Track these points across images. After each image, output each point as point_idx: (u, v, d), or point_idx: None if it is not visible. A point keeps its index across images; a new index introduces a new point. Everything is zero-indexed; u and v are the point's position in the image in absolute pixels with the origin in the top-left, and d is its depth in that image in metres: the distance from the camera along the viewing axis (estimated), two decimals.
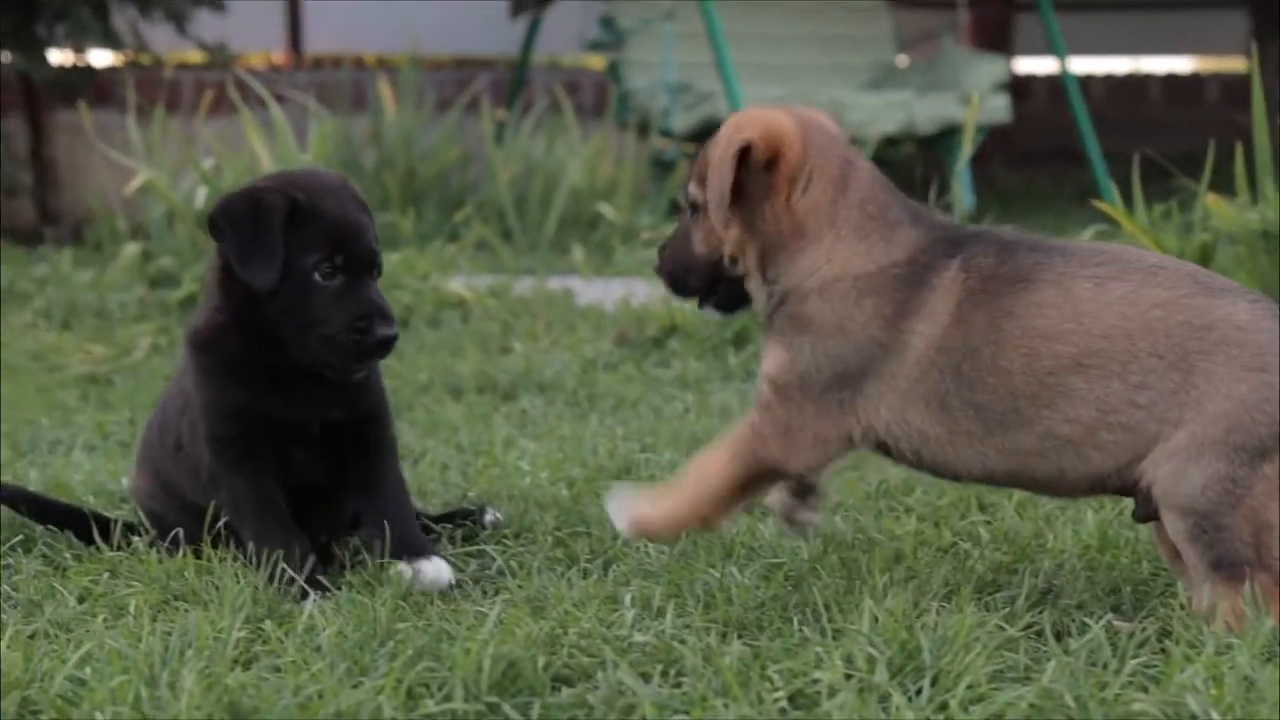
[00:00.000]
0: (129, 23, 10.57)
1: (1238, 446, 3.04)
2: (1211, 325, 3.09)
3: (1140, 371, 3.10)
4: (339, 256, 3.37)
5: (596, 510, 3.80)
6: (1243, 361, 3.07)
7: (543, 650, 2.86)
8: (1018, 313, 3.15)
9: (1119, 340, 3.11)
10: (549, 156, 8.95)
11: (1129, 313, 3.12)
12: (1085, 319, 3.13)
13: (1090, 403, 3.12)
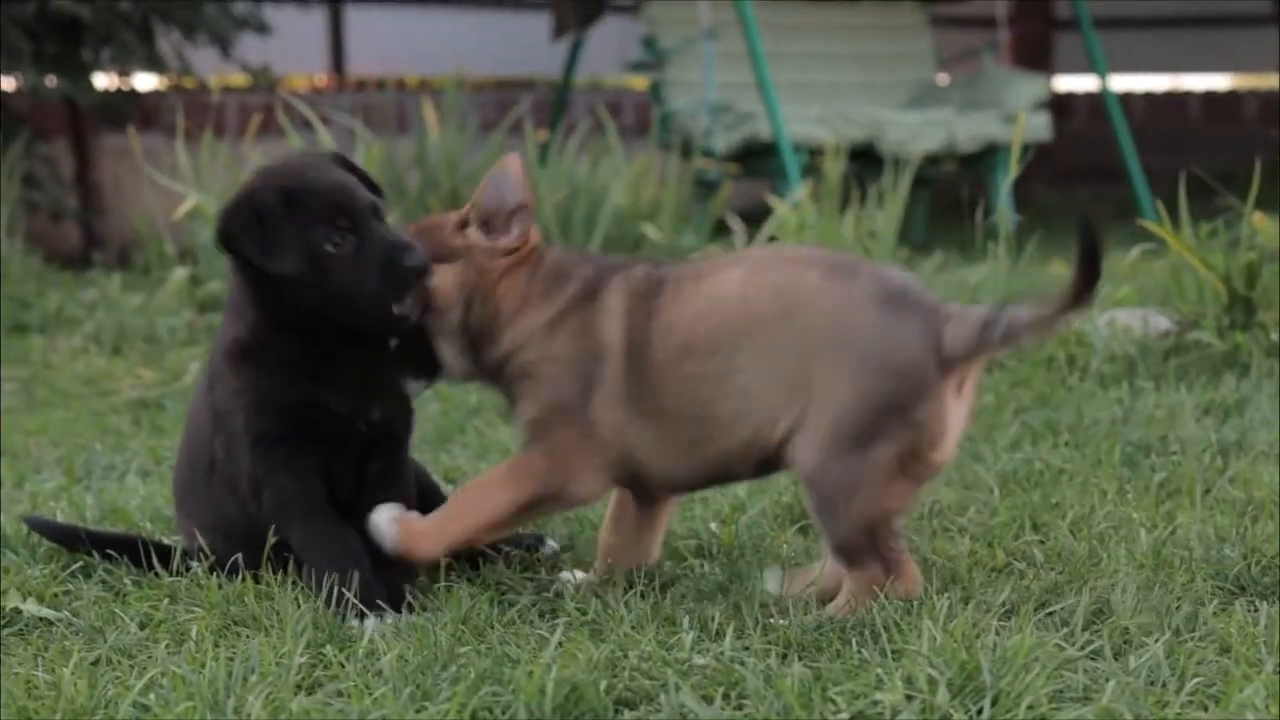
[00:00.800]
0: (173, 46, 10.63)
1: (835, 433, 3.22)
2: (782, 292, 3.30)
3: (758, 343, 3.30)
4: (341, 220, 3.43)
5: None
6: (856, 349, 3.23)
7: (604, 673, 2.87)
8: (660, 310, 3.39)
9: (739, 320, 3.32)
10: (593, 177, 8.97)
11: (749, 293, 3.34)
12: (686, 309, 3.36)
13: (699, 380, 3.33)
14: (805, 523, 3.94)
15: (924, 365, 3.22)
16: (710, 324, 3.34)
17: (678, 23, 11.06)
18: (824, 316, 3.26)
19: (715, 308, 3.35)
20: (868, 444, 3.21)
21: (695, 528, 3.88)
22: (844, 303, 3.26)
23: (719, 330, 3.33)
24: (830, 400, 3.22)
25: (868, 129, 10.72)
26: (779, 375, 3.28)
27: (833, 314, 3.26)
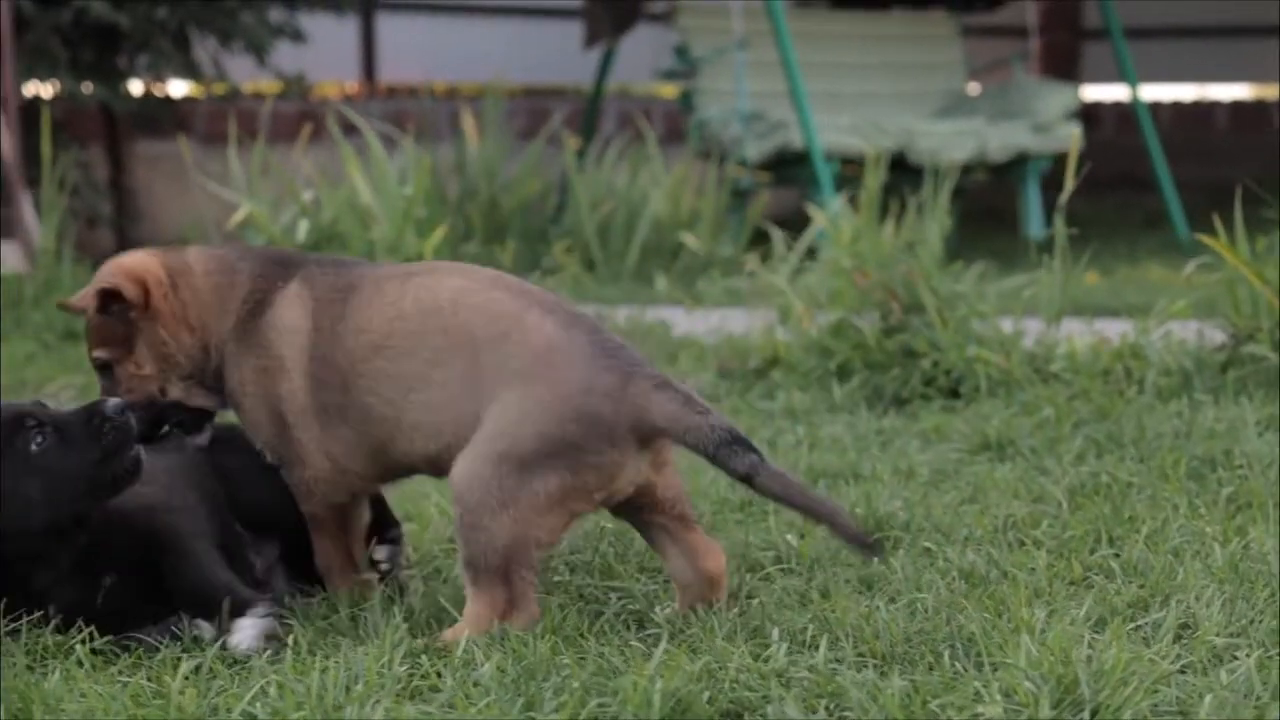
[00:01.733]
0: (209, 54, 10.68)
1: (503, 453, 3.19)
2: (500, 318, 3.28)
3: (431, 349, 3.30)
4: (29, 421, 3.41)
5: (727, 544, 3.85)
6: (519, 366, 3.22)
7: (705, 685, 2.91)
8: (347, 315, 3.39)
9: (411, 321, 3.33)
10: (632, 186, 9.01)
11: (423, 296, 3.35)
12: (388, 308, 3.37)
13: (394, 379, 3.33)
14: (882, 534, 3.97)
15: (616, 421, 3.20)
16: (411, 328, 3.35)
17: (710, 31, 11.10)
18: (533, 352, 3.24)
19: (421, 313, 3.35)
20: (531, 473, 3.19)
21: (772, 540, 3.90)
22: (557, 345, 3.24)
23: (419, 336, 3.33)
24: (507, 426, 3.20)
25: (899, 138, 10.74)
26: (471, 399, 3.27)
27: (543, 352, 3.24)
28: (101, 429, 3.36)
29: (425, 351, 3.31)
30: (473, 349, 3.26)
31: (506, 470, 3.18)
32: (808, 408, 5.44)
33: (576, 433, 3.18)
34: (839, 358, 5.65)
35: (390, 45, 13.14)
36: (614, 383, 3.21)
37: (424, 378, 3.30)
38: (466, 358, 3.27)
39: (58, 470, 3.35)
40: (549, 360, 3.22)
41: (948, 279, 5.74)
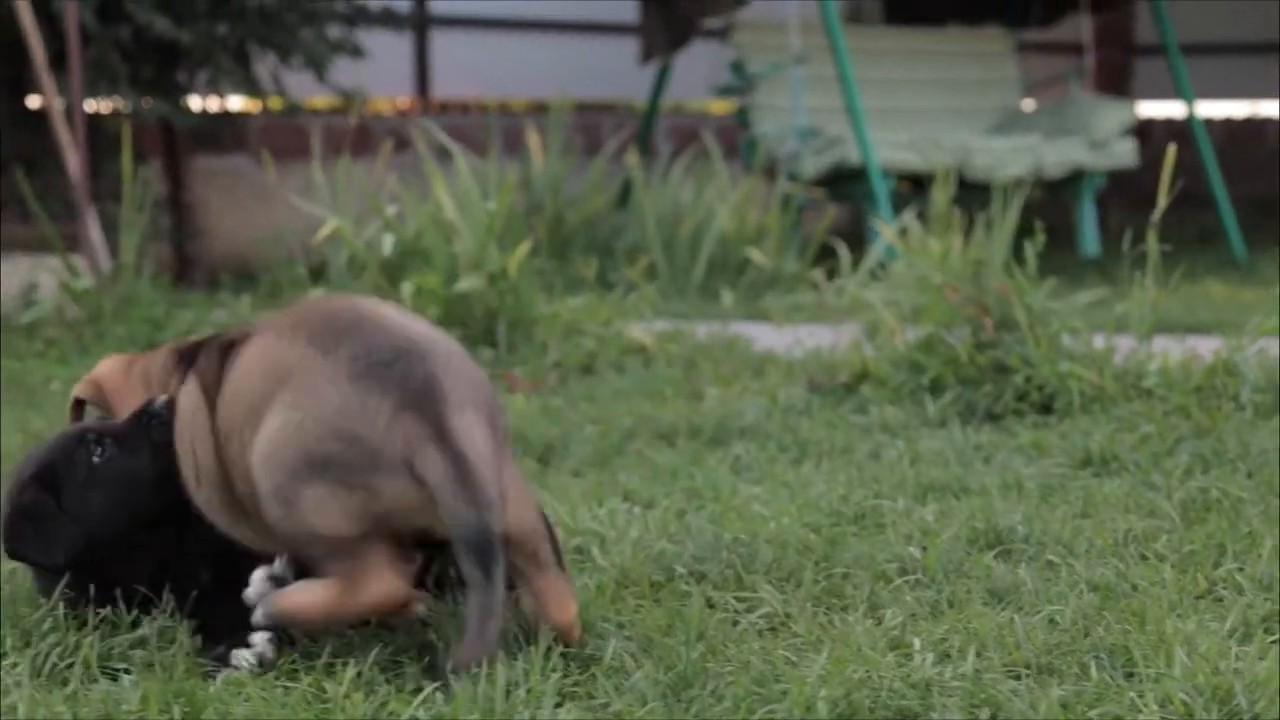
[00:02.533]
0: (269, 70, 10.73)
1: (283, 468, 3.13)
2: (305, 372, 3.17)
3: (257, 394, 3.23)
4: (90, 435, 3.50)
5: (851, 555, 3.89)
6: (310, 409, 3.14)
7: (866, 692, 2.93)
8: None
9: (246, 376, 3.27)
10: (697, 201, 9.05)
11: (253, 353, 3.27)
12: (233, 373, 3.31)
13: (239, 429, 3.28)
14: (1003, 547, 4.00)
15: (382, 440, 3.08)
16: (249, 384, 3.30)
17: (766, 48, 11.16)
18: (296, 379, 3.18)
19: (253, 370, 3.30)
20: (303, 485, 3.12)
21: (897, 552, 3.92)
22: (315, 368, 3.16)
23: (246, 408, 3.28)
24: (275, 440, 3.16)
25: (955, 155, 10.78)
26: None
27: (302, 376, 3.17)
28: (150, 426, 3.45)
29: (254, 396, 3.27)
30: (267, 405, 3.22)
31: (279, 482, 3.17)
32: (902, 422, 5.46)
33: (337, 452, 3.10)
34: (931, 373, 5.67)
35: (442, 61, 13.19)
36: (381, 404, 3.10)
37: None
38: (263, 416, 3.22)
39: (122, 476, 3.44)
40: (305, 386, 3.16)
41: (1040, 295, 5.75)
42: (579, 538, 4.10)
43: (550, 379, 6.28)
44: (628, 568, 3.85)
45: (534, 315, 6.58)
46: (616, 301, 7.10)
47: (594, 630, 3.41)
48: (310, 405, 3.12)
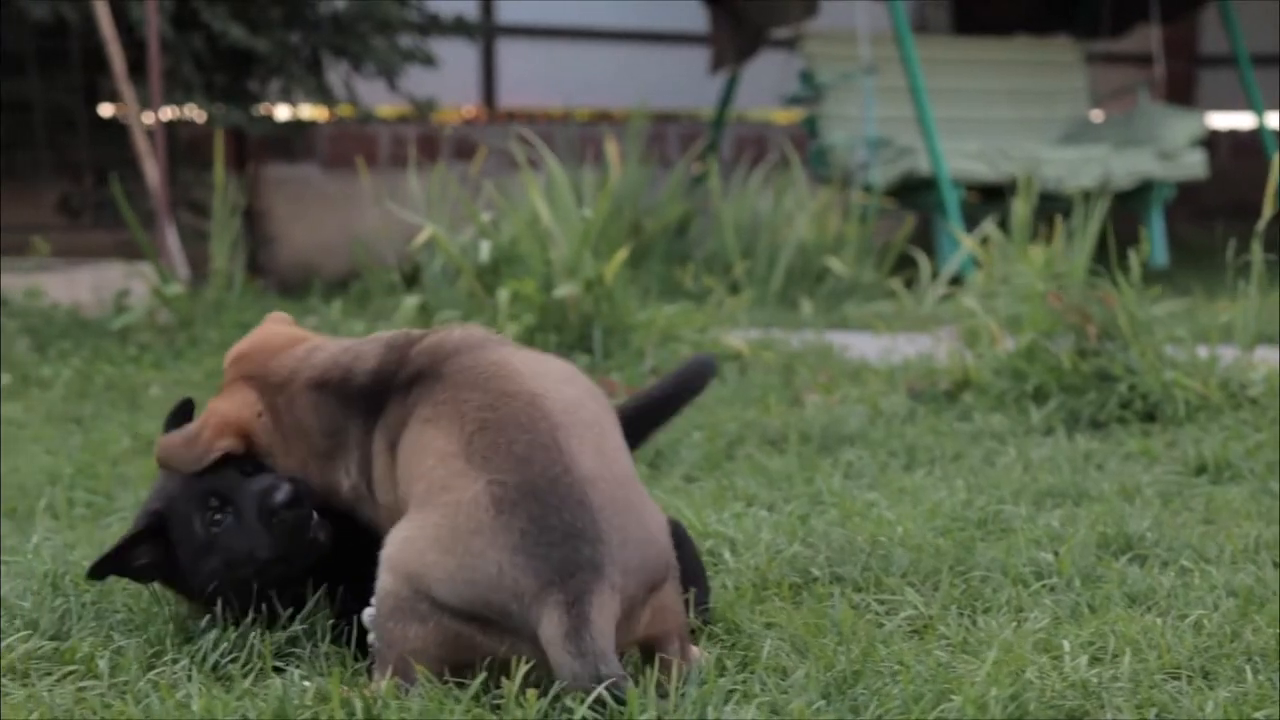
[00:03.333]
0: (341, 78, 10.80)
1: (418, 590, 3.03)
2: (450, 483, 3.08)
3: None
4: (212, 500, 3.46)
5: (985, 559, 3.92)
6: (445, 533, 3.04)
7: (1035, 692, 2.97)
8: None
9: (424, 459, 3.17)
10: (775, 210, 9.09)
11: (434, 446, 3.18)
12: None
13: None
14: (1135, 553, 4.02)
15: (518, 616, 2.98)
16: None
17: (835, 58, 11.18)
18: (464, 518, 3.05)
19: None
20: (416, 615, 3.03)
21: (1031, 556, 3.95)
22: (485, 525, 3.03)
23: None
24: (424, 561, 3.05)
25: (1025, 165, 10.78)
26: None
27: (469, 521, 3.04)
28: (269, 523, 3.39)
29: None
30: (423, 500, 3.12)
31: (418, 600, 3.03)
32: (1007, 430, 5.49)
33: (482, 613, 2.98)
34: (1034, 380, 5.70)
35: (508, 70, 13.26)
36: (531, 587, 2.96)
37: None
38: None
39: (236, 551, 3.41)
40: (469, 544, 3.00)
41: (1143, 304, 5.78)
42: (710, 540, 4.14)
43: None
44: (764, 570, 3.89)
45: (630, 322, 6.62)
46: (711, 308, 7.14)
47: (743, 631, 3.45)
48: (467, 563, 2.98)
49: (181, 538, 3.45)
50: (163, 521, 3.47)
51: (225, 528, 3.42)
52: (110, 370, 6.87)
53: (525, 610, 2.93)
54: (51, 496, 4.85)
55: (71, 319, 7.89)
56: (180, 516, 3.46)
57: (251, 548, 3.40)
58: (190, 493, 3.46)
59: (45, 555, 4.04)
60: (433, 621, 2.99)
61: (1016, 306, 6.10)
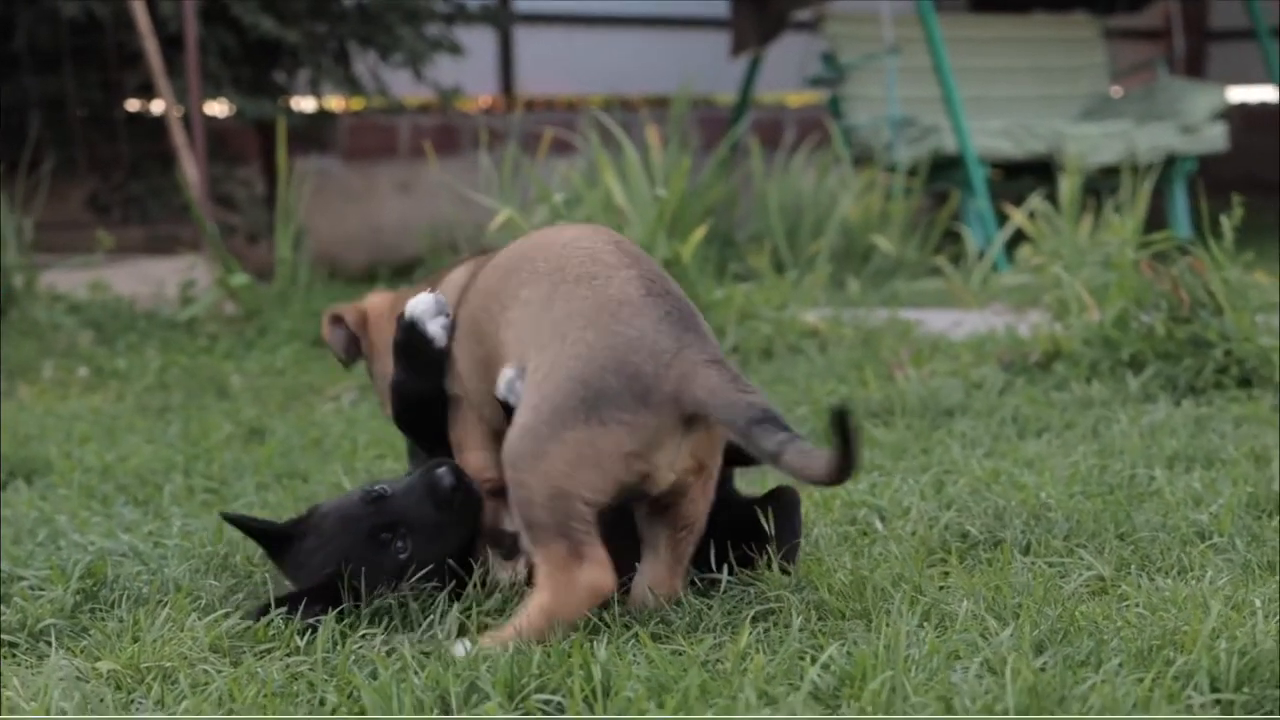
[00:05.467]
0: (368, 69, 10.80)
1: (540, 400, 3.19)
2: (595, 264, 3.32)
3: (528, 271, 3.37)
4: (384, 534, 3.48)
5: (1141, 520, 3.96)
6: (584, 309, 3.24)
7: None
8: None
9: (523, 247, 3.47)
10: (819, 190, 9.12)
11: (546, 234, 3.52)
12: (514, 244, 3.54)
13: (500, 297, 3.42)
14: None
15: (655, 384, 3.18)
16: (520, 250, 3.45)
17: (858, 39, 11.23)
18: (601, 300, 3.26)
19: (534, 244, 3.45)
20: (563, 421, 3.17)
21: (1186, 517, 3.99)
22: (627, 300, 3.26)
23: (524, 258, 3.41)
24: (551, 371, 3.22)
25: (1049, 141, 10.86)
26: (536, 327, 3.31)
27: (610, 303, 3.25)
28: (451, 509, 3.44)
29: (524, 272, 3.36)
30: (558, 279, 3.30)
31: (542, 418, 3.17)
32: (1105, 398, 5.53)
33: (613, 385, 3.16)
34: (1129, 349, 5.74)
35: (524, 58, 13.28)
36: (665, 346, 3.19)
37: (514, 295, 3.35)
38: (549, 285, 3.30)
39: (433, 557, 3.44)
40: (613, 311, 3.23)
41: (1235, 271, 5.83)
42: (860, 510, 4.18)
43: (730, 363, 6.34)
44: (924, 536, 3.93)
45: (708, 300, 6.65)
46: (789, 285, 7.18)
47: (925, 594, 3.48)
48: (612, 329, 3.21)
49: (373, 580, 3.43)
50: (338, 583, 3.44)
51: (411, 547, 3.44)
52: (184, 360, 6.87)
53: (663, 370, 3.16)
54: (173, 483, 4.87)
55: (131, 311, 7.90)
56: (364, 565, 3.44)
57: (441, 548, 3.44)
58: (357, 541, 3.46)
59: (201, 538, 4.07)
60: (569, 431, 3.14)
61: (1103, 276, 6.14)
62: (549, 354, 3.23)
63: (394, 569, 3.43)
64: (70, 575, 3.73)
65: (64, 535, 4.25)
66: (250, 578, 3.79)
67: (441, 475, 3.46)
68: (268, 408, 6.01)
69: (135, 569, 3.87)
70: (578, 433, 3.16)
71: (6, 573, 3.86)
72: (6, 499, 4.80)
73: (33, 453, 5.34)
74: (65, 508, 4.61)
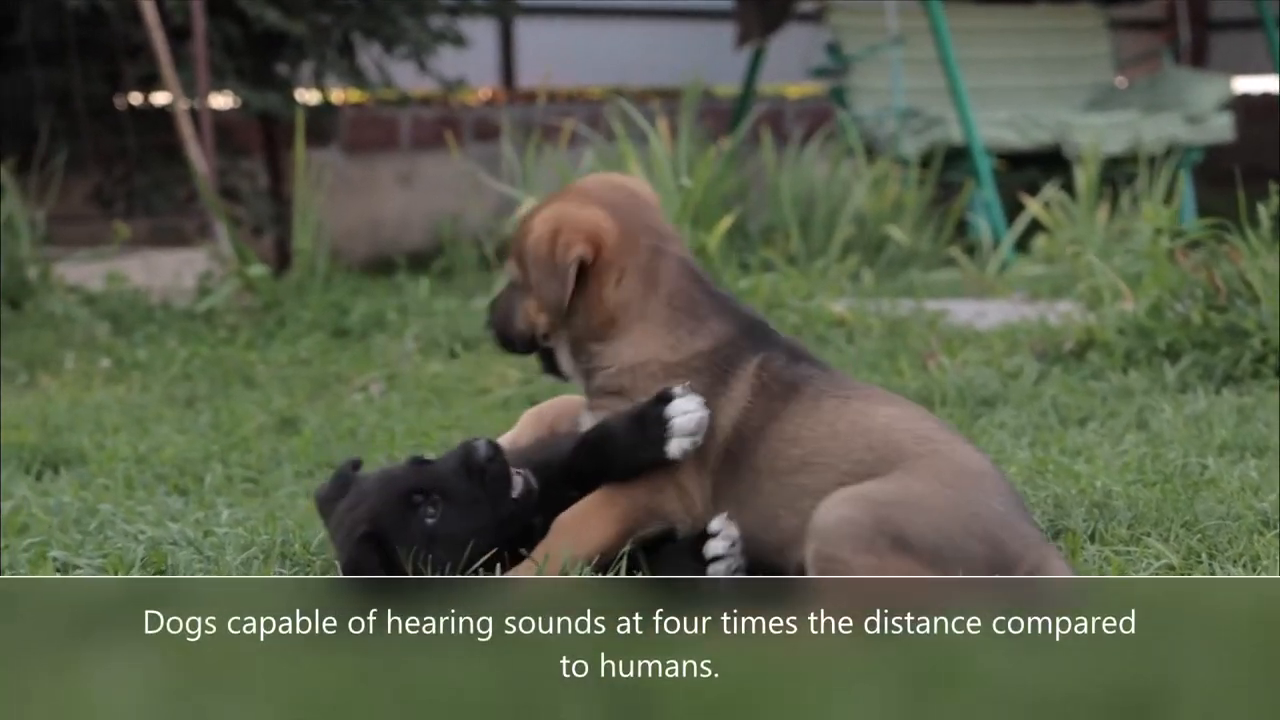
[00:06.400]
0: (373, 60, 10.76)
1: (887, 517, 3.12)
2: (930, 440, 3.27)
3: (852, 462, 3.27)
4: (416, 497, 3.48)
5: (1201, 509, 3.94)
6: (942, 472, 3.19)
7: None
8: (779, 417, 3.37)
9: (843, 440, 3.31)
10: (832, 181, 9.10)
11: (857, 420, 3.33)
12: (822, 426, 3.34)
13: (812, 495, 3.26)
14: None
15: (1016, 563, 3.15)
16: (839, 446, 3.31)
17: (863, 30, 11.21)
18: (959, 468, 3.24)
19: (852, 432, 3.31)
20: (903, 551, 3.11)
21: (1249, 505, 3.98)
22: (984, 471, 3.28)
23: (845, 452, 3.29)
24: (907, 498, 3.17)
25: (1055, 131, 10.85)
26: None
27: (970, 472, 3.24)
28: (482, 480, 3.43)
29: (845, 466, 3.29)
30: (894, 460, 3.24)
31: (880, 533, 3.11)
32: (1143, 388, 5.51)
33: (980, 553, 3.12)
34: (1165, 338, 5.72)
35: (525, 50, 13.24)
36: (1031, 533, 3.19)
37: (837, 485, 3.25)
38: (884, 469, 3.23)
39: (460, 532, 3.41)
40: (975, 480, 3.20)
41: (1272, 258, 5.81)
42: None
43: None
44: None
45: (735, 290, 6.62)
46: (815, 275, 7.15)
47: None
48: (970, 499, 3.17)
49: (401, 540, 3.42)
50: (380, 537, 3.43)
51: (440, 514, 3.43)
52: (207, 352, 6.84)
53: (1025, 550, 3.12)
54: (212, 473, 4.84)
55: (146, 303, 7.86)
56: (393, 524, 3.44)
57: (471, 522, 3.42)
58: (389, 500, 3.46)
59: (254, 527, 4.05)
60: (882, 559, 3.03)
61: (1134, 265, 6.13)
62: (899, 489, 3.18)
63: (421, 533, 3.41)
64: (130, 564, 3.70)
65: (112, 524, 4.21)
66: (311, 566, 3.76)
67: (478, 445, 3.46)
68: (296, 398, 5.98)
69: (190, 557, 3.84)
70: (912, 569, 3.10)
71: (62, 561, 3.84)
72: (44, 488, 4.77)
73: (64, 443, 5.30)
74: (107, 497, 4.57)
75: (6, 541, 4.07)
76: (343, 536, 3.49)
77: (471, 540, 3.42)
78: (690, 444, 3.37)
